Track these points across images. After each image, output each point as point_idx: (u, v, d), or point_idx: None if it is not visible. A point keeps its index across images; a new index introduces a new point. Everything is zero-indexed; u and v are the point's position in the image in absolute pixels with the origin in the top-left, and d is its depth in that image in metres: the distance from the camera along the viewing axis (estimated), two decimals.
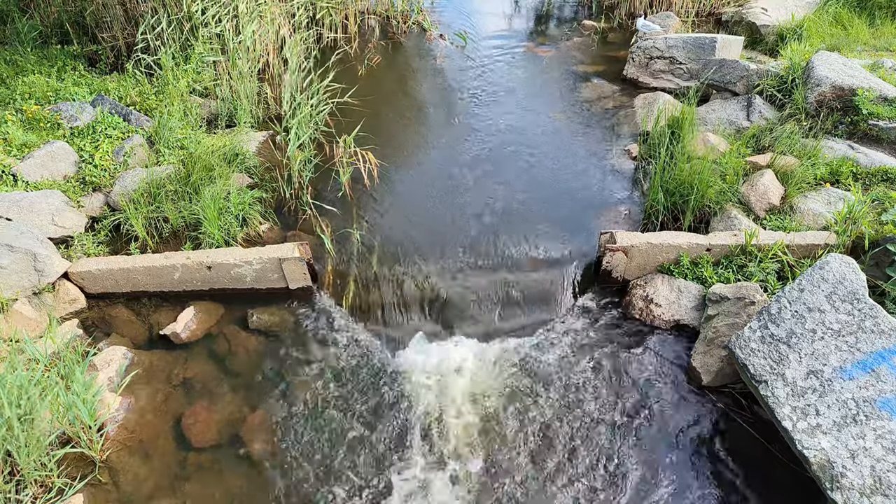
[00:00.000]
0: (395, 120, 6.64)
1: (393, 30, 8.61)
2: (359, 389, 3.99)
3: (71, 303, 4.31)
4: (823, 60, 5.79)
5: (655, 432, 3.73)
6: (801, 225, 4.60)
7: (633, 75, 7.21)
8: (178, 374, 4.04)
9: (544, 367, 4.11)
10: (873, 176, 4.92)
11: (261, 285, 4.51)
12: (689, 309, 4.28)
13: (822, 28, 7.31)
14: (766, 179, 4.89)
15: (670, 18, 7.94)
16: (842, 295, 3.49)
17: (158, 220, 4.79)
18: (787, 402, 3.26)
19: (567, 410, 3.86)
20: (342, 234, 5.02)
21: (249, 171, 5.41)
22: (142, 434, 3.69)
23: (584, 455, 3.63)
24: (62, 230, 4.56)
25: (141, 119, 5.64)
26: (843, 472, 2.94)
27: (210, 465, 3.57)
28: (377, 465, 3.59)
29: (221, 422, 3.78)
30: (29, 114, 5.29)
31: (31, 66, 6.09)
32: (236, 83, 6.09)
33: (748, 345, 3.55)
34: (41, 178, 4.88)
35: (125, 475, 3.49)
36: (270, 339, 4.29)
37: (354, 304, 4.54)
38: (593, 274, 4.70)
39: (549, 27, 9.10)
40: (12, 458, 3.27)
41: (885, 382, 3.16)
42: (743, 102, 6.22)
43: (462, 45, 8.31)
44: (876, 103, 5.41)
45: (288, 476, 3.54)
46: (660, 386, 3.98)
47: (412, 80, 7.54)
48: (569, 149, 6.15)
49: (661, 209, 4.92)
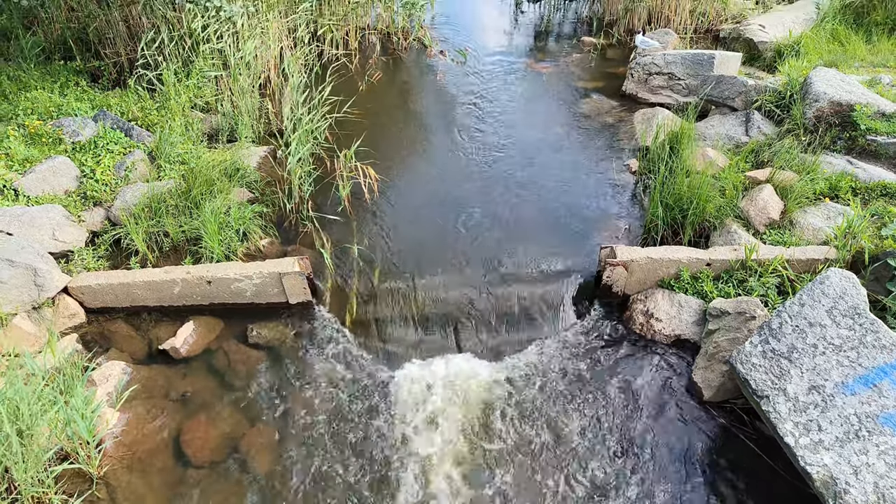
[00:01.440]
0: (396, 135, 6.68)
1: (394, 46, 8.69)
2: (358, 405, 3.97)
3: (70, 317, 4.30)
4: (821, 76, 5.84)
5: (656, 448, 3.70)
6: (800, 240, 4.61)
7: (632, 91, 7.27)
8: (177, 389, 4.02)
9: (543, 381, 4.09)
10: (872, 191, 4.94)
11: (261, 300, 4.50)
12: (689, 324, 4.27)
13: (819, 44, 7.38)
14: (766, 194, 4.91)
15: (669, 35, 8.02)
16: (843, 310, 3.49)
17: (159, 234, 4.80)
18: (789, 418, 3.24)
19: (566, 425, 3.83)
20: (342, 249, 5.02)
21: (250, 185, 5.43)
22: (140, 450, 3.67)
23: (584, 470, 3.60)
24: (63, 245, 4.57)
25: (142, 134, 5.68)
26: (846, 489, 2.92)
27: (209, 482, 3.54)
28: (376, 481, 3.56)
29: (220, 437, 3.75)
30: (31, 129, 5.32)
31: (34, 81, 6.14)
32: (237, 98, 6.13)
33: (749, 360, 3.54)
34: (42, 192, 4.89)
35: (123, 492, 3.46)
36: (270, 354, 4.28)
37: (354, 318, 4.53)
38: (593, 288, 4.69)
39: (549, 43, 9.19)
40: (9, 474, 3.24)
41: (887, 398, 3.15)
42: (741, 118, 6.26)
43: (462, 61, 8.39)
44: (874, 119, 5.44)
45: (287, 492, 3.50)
46: (660, 401, 3.96)
47: (412, 96, 7.60)
48: (568, 164, 6.18)
49: (660, 224, 4.93)
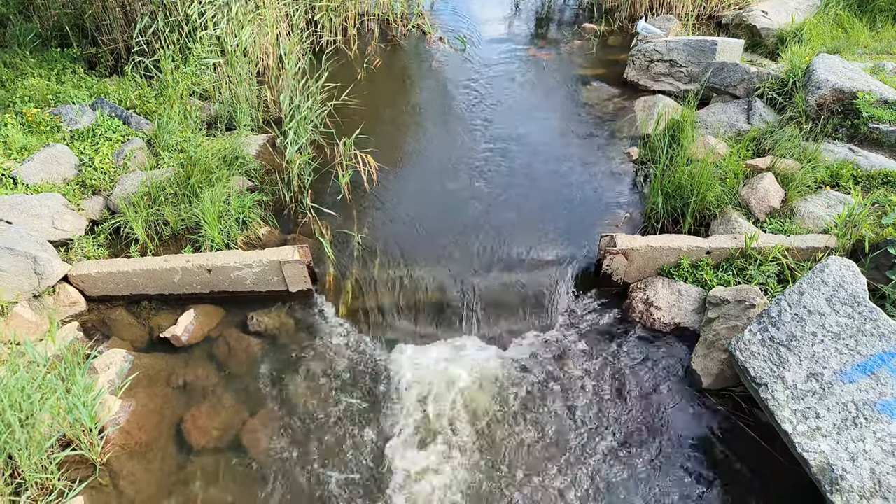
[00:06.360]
0: (395, 123, 6.65)
1: (392, 33, 8.62)
2: (358, 391, 3.99)
3: (71, 306, 4.31)
4: (824, 63, 5.80)
5: (654, 434, 3.73)
6: (801, 228, 4.61)
7: (633, 78, 7.22)
8: (179, 376, 4.04)
9: (543, 369, 4.10)
10: (874, 179, 4.92)
11: (261, 288, 4.51)
12: (689, 312, 4.28)
13: (822, 31, 7.31)
14: (767, 182, 4.89)
15: (670, 21, 7.95)
16: (842, 298, 3.49)
17: (158, 223, 4.79)
18: (787, 405, 3.26)
19: (566, 412, 3.85)
20: (342, 237, 5.02)
21: (249, 174, 5.42)
22: (142, 437, 3.69)
23: (582, 457, 3.62)
24: (62, 233, 4.56)
25: (141, 122, 5.65)
26: (842, 475, 2.94)
27: (210, 468, 3.57)
28: (375, 467, 3.59)
29: (221, 424, 3.78)
30: (29, 117, 5.29)
31: (31, 69, 6.10)
32: (235, 86, 6.09)
33: (748, 348, 3.55)
34: (41, 181, 4.88)
35: (125, 478, 3.49)
36: (270, 341, 4.29)
37: (354, 306, 4.54)
38: (593, 277, 4.70)
39: (550, 30, 9.11)
40: (13, 461, 3.27)
41: (885, 385, 3.16)
42: (743, 105, 6.23)
43: (462, 48, 8.32)
44: (876, 106, 5.41)
45: (288, 478, 3.53)
46: (660, 389, 3.98)
47: (412, 84, 7.55)
48: (569, 152, 6.15)
49: (661, 212, 4.92)
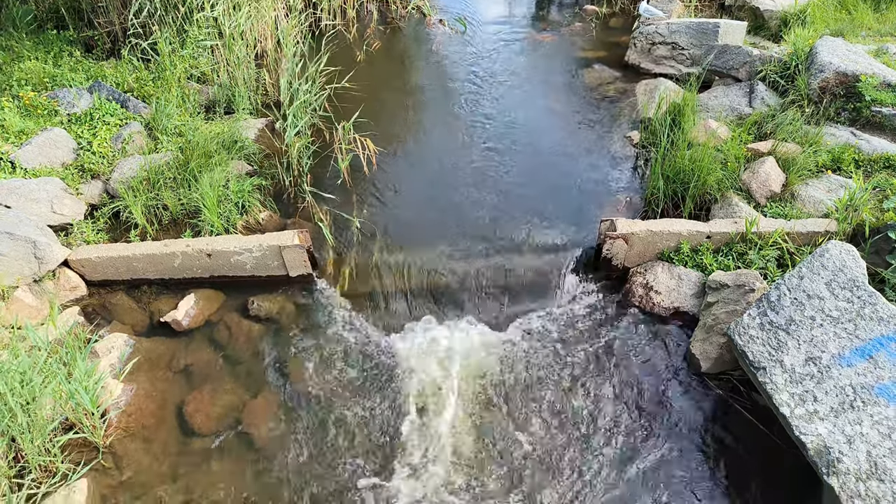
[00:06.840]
0: (394, 106, 6.60)
1: (392, 15, 8.53)
2: (358, 374, 4.01)
3: (72, 290, 4.32)
4: (827, 46, 5.74)
5: (654, 418, 3.75)
6: (801, 212, 4.60)
7: (634, 61, 7.16)
8: (180, 360, 4.06)
9: (543, 353, 4.12)
10: (875, 163, 4.90)
11: (261, 273, 4.51)
12: (688, 296, 4.28)
13: (826, 13, 7.24)
14: (768, 166, 4.87)
15: (673, 3, 7.87)
16: (841, 282, 3.50)
17: (158, 207, 4.78)
18: (785, 389, 3.28)
19: (564, 395, 3.88)
20: (342, 222, 5.01)
21: (248, 158, 5.39)
22: (144, 420, 3.72)
23: (579, 438, 3.65)
24: (61, 217, 4.55)
25: (138, 105, 5.61)
26: (839, 458, 2.97)
27: (212, 451, 3.60)
28: (377, 448, 3.62)
29: (223, 408, 3.80)
30: (26, 100, 5.25)
31: (27, 51, 6.03)
32: (233, 69, 6.04)
33: (747, 332, 3.56)
34: (39, 165, 4.86)
35: (128, 460, 3.52)
36: (271, 325, 4.30)
37: (354, 290, 4.54)
38: (593, 261, 4.70)
39: (550, 12, 9.01)
40: (16, 444, 3.30)
41: (882, 369, 3.17)
42: (745, 89, 6.18)
43: (462, 30, 8.24)
44: (879, 90, 5.37)
45: (289, 461, 3.57)
46: (658, 372, 4.00)
47: (411, 66, 7.48)
48: (569, 135, 6.12)
49: (661, 196, 4.91)
